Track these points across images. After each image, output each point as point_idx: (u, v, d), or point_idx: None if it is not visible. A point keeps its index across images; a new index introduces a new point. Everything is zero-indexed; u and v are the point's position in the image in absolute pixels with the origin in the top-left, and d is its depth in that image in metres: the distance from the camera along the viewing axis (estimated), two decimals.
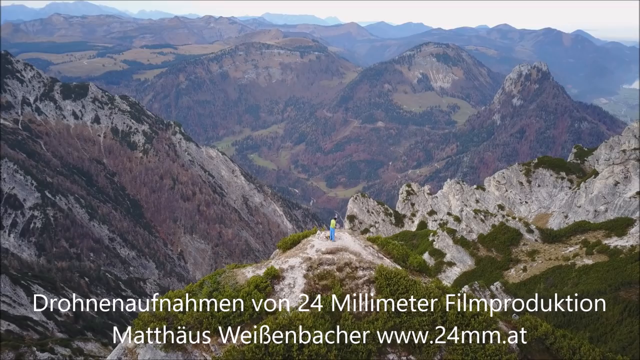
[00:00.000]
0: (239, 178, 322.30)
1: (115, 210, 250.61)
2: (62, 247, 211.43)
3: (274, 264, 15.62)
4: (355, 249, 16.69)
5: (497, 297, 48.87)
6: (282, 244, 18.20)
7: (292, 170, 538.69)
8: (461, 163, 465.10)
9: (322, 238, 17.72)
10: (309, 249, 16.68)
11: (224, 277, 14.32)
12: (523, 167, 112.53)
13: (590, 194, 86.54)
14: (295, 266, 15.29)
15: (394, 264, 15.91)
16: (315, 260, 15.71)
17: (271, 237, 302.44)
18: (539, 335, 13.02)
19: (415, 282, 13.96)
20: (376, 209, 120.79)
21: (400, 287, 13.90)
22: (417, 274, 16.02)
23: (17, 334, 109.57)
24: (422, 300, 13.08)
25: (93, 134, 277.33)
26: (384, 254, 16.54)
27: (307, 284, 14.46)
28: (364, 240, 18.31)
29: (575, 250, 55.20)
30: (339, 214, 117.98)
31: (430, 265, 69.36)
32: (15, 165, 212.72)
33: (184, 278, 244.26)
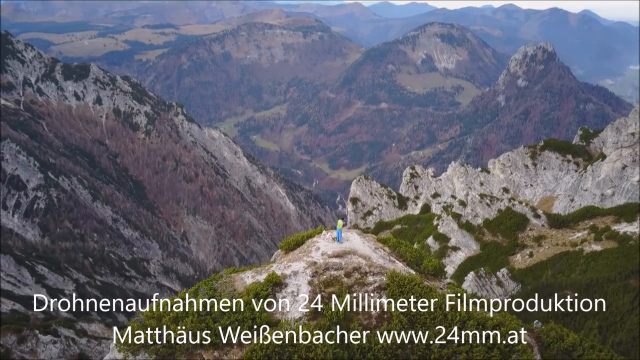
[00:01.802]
0: (241, 159, 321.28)
1: (118, 191, 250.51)
2: (65, 227, 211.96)
3: (276, 269, 14.37)
4: (364, 251, 15.36)
5: (504, 283, 48.11)
6: (285, 245, 16.92)
7: (295, 151, 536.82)
8: (465, 145, 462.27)
9: (328, 239, 16.32)
10: (314, 251, 15.32)
11: (220, 283, 13.19)
12: (529, 149, 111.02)
13: (597, 177, 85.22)
14: (299, 271, 14.05)
15: (407, 268, 14.87)
16: (320, 264, 14.44)
17: (274, 219, 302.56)
18: (565, 347, 12.02)
19: (431, 289, 12.93)
20: (379, 191, 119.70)
21: (414, 295, 12.85)
22: (432, 278, 14.92)
23: (22, 313, 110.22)
24: (438, 309, 12.10)
25: (95, 115, 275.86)
26: (395, 257, 15.33)
27: (312, 291, 13.25)
28: (374, 241, 16.95)
29: (583, 236, 54.20)
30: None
31: (435, 250, 68.58)
32: (17, 146, 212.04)
33: (187, 258, 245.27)
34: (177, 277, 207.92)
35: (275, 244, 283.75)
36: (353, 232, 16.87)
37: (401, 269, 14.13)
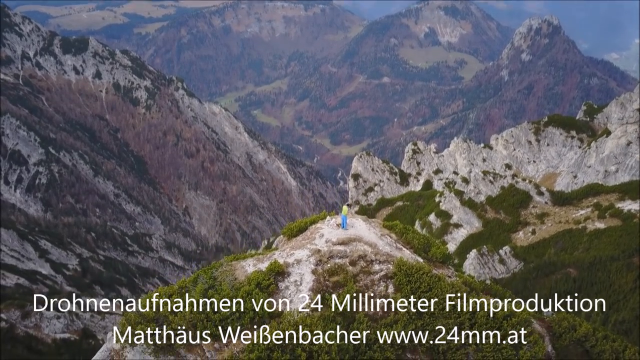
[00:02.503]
0: (242, 135, 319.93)
1: (120, 166, 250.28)
2: (67, 202, 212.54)
3: (278, 257, 13.83)
4: (370, 238, 14.89)
5: (506, 261, 48.00)
6: (287, 231, 16.44)
7: (296, 127, 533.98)
8: (467, 120, 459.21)
9: (332, 226, 15.76)
10: (318, 238, 14.78)
11: (220, 271, 12.73)
12: (532, 125, 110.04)
13: (601, 153, 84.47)
14: (303, 260, 13.51)
15: (414, 255, 14.34)
16: (325, 252, 13.88)
17: (275, 194, 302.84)
18: (578, 337, 11.67)
19: (440, 278, 12.46)
20: (381, 167, 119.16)
21: (422, 285, 12.37)
22: (440, 265, 14.44)
23: (26, 287, 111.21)
24: (447, 299, 11.69)
25: (95, 90, 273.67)
26: (402, 243, 14.80)
27: (316, 280, 12.77)
28: (380, 227, 16.50)
29: (586, 214, 53.90)
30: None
31: (436, 227, 68.45)
32: (17, 121, 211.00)
33: (190, 233, 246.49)
34: (179, 252, 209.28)
35: (277, 219, 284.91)
36: (358, 219, 16.62)
37: (408, 257, 13.63)
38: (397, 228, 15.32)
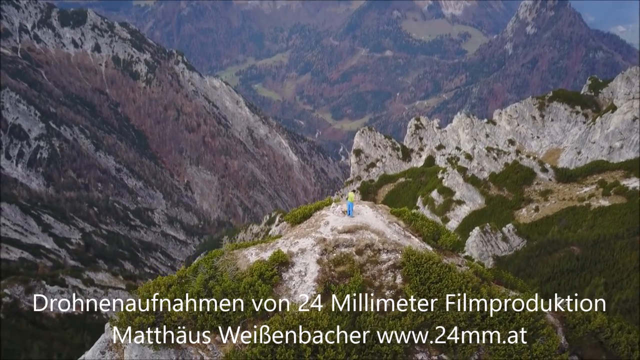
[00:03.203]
0: (243, 109, 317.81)
1: (121, 141, 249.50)
2: (69, 177, 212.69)
3: (282, 246, 13.36)
4: (377, 226, 14.32)
5: (509, 239, 47.80)
6: (291, 217, 15.89)
7: (297, 101, 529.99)
8: (470, 94, 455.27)
9: (338, 213, 15.22)
10: (323, 226, 14.24)
11: (222, 261, 12.29)
12: (537, 100, 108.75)
13: (606, 129, 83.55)
14: (307, 249, 13.01)
15: (423, 243, 13.82)
16: (330, 241, 13.34)
17: (277, 170, 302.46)
18: (592, 329, 11.35)
19: (450, 268, 12.01)
20: (383, 143, 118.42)
21: (432, 275, 11.85)
22: (450, 254, 14.00)
23: (30, 261, 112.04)
24: (458, 290, 11.28)
25: (94, 63, 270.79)
26: (411, 231, 14.33)
27: (321, 271, 12.26)
28: (387, 214, 15.68)
29: (591, 191, 53.44)
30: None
31: (439, 204, 68.19)
32: (17, 95, 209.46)
33: (191, 208, 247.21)
34: (181, 227, 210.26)
35: (279, 194, 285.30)
36: (365, 205, 15.98)
37: (417, 246, 13.15)
38: (406, 215, 14.78)
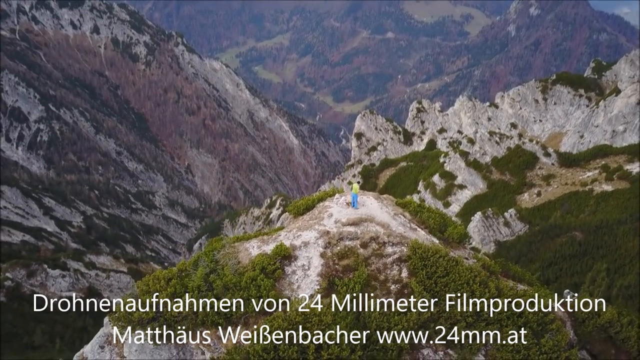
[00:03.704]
0: (243, 92, 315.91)
1: (121, 124, 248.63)
2: (70, 160, 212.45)
3: (284, 239, 12.97)
4: (382, 218, 13.91)
5: (511, 224, 47.63)
6: (294, 209, 15.46)
7: (298, 83, 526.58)
8: (472, 77, 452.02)
9: (342, 204, 14.76)
10: (327, 218, 13.84)
11: (223, 254, 12.01)
12: (540, 83, 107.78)
13: (609, 113, 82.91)
14: (310, 242, 12.64)
15: (429, 236, 13.47)
16: (334, 234, 12.95)
17: (277, 153, 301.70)
18: (602, 323, 11.14)
19: (457, 261, 11.78)
20: (384, 126, 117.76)
21: (438, 269, 11.55)
22: (456, 246, 13.69)
23: (32, 244, 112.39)
24: (466, 285, 11.02)
25: (93, 45, 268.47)
26: (417, 223, 13.95)
27: (325, 264, 11.95)
28: (393, 206, 15.30)
29: (593, 176, 53.10)
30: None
31: (440, 188, 67.93)
32: (16, 77, 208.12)
33: (192, 191, 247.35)
34: (182, 210, 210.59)
35: (279, 178, 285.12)
36: (370, 196, 15.46)
37: (423, 238, 12.90)
38: (411, 206, 14.42)
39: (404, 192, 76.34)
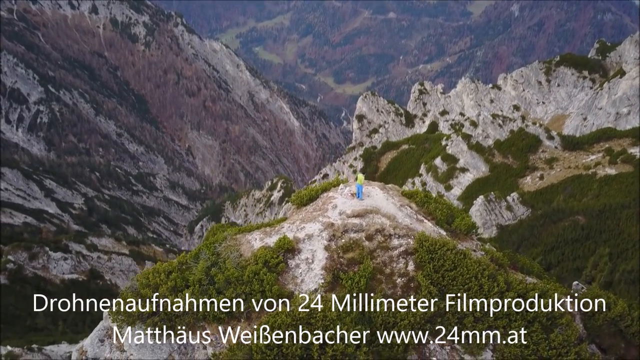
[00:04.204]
0: (244, 73, 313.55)
1: (121, 105, 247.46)
2: (70, 142, 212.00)
3: (287, 232, 12.68)
4: (388, 210, 13.59)
5: (513, 208, 47.43)
6: (297, 199, 15.04)
7: (299, 64, 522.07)
8: (474, 58, 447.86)
9: (346, 195, 14.34)
10: (331, 210, 13.51)
11: (224, 247, 11.79)
12: (543, 65, 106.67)
13: (613, 95, 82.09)
14: (314, 234, 12.33)
15: (436, 227, 13.15)
16: (338, 226, 12.64)
17: (278, 135, 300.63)
18: (612, 317, 10.94)
19: (465, 254, 11.51)
20: (386, 108, 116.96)
21: (446, 263, 11.29)
22: (464, 237, 13.40)
23: (34, 225, 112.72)
24: (474, 278, 10.76)
25: (92, 26, 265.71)
26: (424, 214, 13.62)
27: (329, 258, 11.67)
28: (399, 196, 14.89)
29: (597, 159, 52.72)
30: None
31: (442, 171, 67.64)
32: (15, 58, 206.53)
33: (193, 173, 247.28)
34: (183, 192, 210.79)
35: (280, 160, 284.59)
36: (375, 187, 15.15)
37: (430, 230, 12.60)
38: (418, 197, 14.05)
39: (405, 175, 76.10)
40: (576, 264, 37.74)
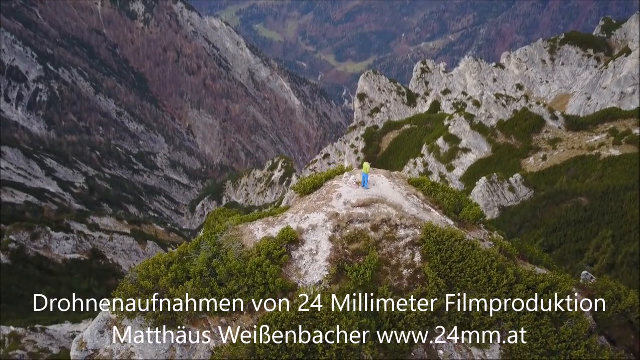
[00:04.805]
0: (244, 51, 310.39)
1: (120, 84, 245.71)
2: (70, 121, 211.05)
3: (291, 222, 12.38)
4: (395, 199, 13.26)
5: (516, 189, 47.14)
6: (300, 187, 14.60)
7: (300, 42, 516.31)
8: (477, 36, 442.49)
9: (351, 184, 13.99)
10: (335, 199, 13.17)
11: (226, 237, 11.50)
12: (548, 43, 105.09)
13: (618, 74, 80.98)
14: (318, 225, 12.03)
15: (444, 217, 12.83)
16: (343, 216, 12.35)
17: (279, 114, 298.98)
18: (623, 309, 10.71)
19: (474, 246, 11.24)
20: (388, 87, 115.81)
21: (454, 254, 11.00)
22: (472, 227, 13.06)
23: (36, 205, 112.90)
24: (482, 271, 10.48)
25: (90, 2, 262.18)
26: (431, 204, 13.30)
27: (334, 249, 11.38)
28: (405, 185, 14.44)
29: (601, 140, 52.19)
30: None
31: (444, 152, 67.18)
32: (13, 36, 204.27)
33: (194, 152, 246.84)
34: (184, 171, 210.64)
35: (281, 139, 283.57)
36: (381, 175, 14.72)
37: (438, 220, 12.28)
38: (425, 186, 13.64)
39: (407, 156, 75.65)
40: (578, 246, 37.57)
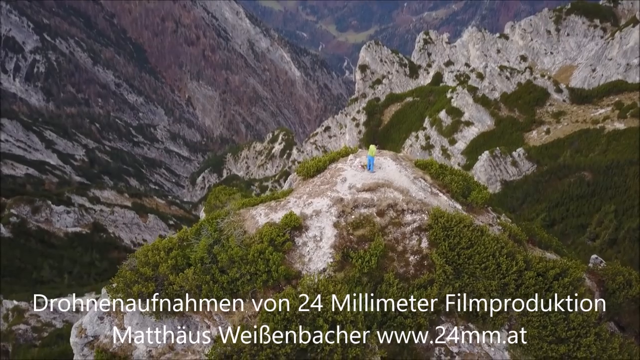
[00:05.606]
0: (243, 21, 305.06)
1: (119, 54, 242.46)
2: (69, 92, 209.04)
3: (294, 207, 11.95)
4: (401, 183, 12.78)
5: (519, 164, 46.75)
6: (303, 170, 14.07)
7: (300, 11, 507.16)
8: (481, 5, 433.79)
9: (356, 167, 13.49)
10: (340, 183, 12.68)
11: (227, 222, 11.11)
12: (553, 13, 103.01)
13: (625, 45, 79.56)
14: (322, 211, 11.62)
15: (452, 201, 12.47)
16: (348, 201, 11.90)
17: (279, 85, 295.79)
18: (633, 295, 10.50)
19: (483, 231, 10.94)
20: (390, 58, 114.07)
21: (462, 240, 10.66)
22: (480, 211, 12.69)
23: (36, 177, 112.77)
24: (491, 257, 10.16)
25: None
26: (439, 187, 12.94)
27: (339, 235, 11.04)
28: (412, 168, 13.91)
29: (606, 113, 51.52)
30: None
31: (447, 125, 66.51)
32: (7, 5, 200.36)
33: (194, 124, 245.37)
34: (184, 143, 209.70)
35: (281, 111, 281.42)
36: (387, 157, 14.14)
37: (446, 204, 11.92)
38: (433, 168, 13.17)
39: (409, 129, 74.97)
40: (580, 220, 37.45)
